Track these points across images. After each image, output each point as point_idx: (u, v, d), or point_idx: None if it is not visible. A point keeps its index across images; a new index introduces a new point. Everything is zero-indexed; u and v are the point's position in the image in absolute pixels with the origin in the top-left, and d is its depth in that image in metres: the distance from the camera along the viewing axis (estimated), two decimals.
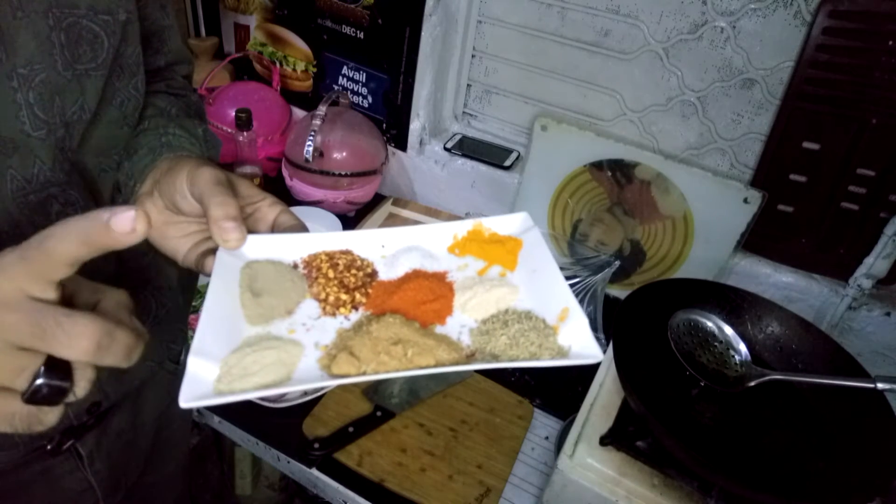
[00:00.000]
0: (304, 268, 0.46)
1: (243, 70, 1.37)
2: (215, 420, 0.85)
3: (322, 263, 0.45)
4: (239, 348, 0.37)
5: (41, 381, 0.30)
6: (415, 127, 1.21)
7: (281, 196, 0.48)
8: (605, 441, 0.65)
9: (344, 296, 0.43)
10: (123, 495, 0.64)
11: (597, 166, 1.05)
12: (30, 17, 0.41)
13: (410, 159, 1.26)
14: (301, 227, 0.46)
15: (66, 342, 0.30)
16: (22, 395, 0.31)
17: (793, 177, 0.93)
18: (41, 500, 0.55)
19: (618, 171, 1.04)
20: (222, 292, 0.40)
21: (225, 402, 0.33)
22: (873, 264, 0.90)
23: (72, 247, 0.30)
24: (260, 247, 0.44)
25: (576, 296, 0.41)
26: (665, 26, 0.95)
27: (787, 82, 0.89)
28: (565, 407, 0.87)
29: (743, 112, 0.96)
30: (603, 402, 0.70)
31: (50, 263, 0.30)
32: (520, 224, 0.49)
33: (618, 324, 0.68)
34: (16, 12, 0.40)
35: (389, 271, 0.46)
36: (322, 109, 1.08)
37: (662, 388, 0.66)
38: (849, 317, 0.96)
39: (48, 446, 0.53)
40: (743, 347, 0.67)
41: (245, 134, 1.06)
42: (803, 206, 0.95)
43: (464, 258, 0.48)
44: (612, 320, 0.77)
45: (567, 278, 0.43)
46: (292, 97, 1.33)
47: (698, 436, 0.62)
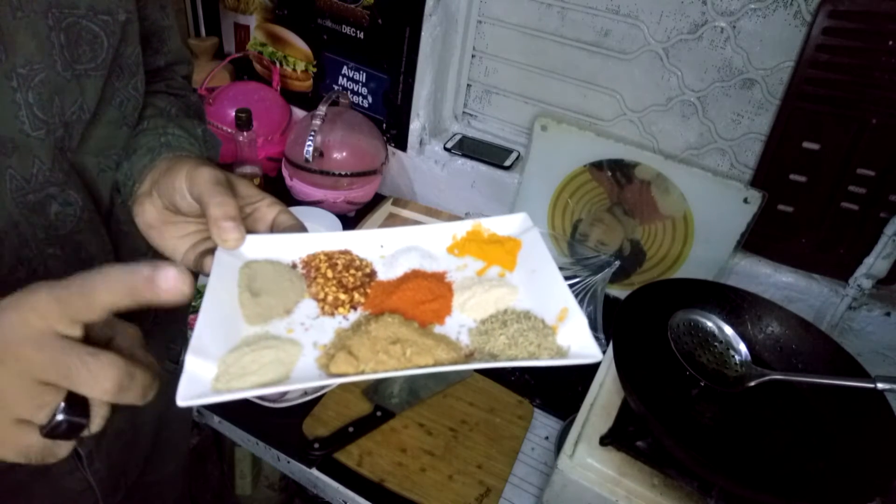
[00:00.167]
0: (303, 268, 0.46)
1: (243, 70, 1.37)
2: (215, 420, 0.85)
3: (321, 263, 0.45)
4: (237, 347, 0.37)
5: (62, 417, 0.31)
6: (415, 127, 1.21)
7: (281, 196, 0.48)
8: (605, 441, 0.65)
9: (342, 295, 0.43)
10: (123, 495, 0.64)
11: (597, 166, 1.05)
12: (29, 17, 0.41)
13: (410, 159, 1.26)
14: (300, 228, 0.46)
15: (89, 381, 0.30)
16: (41, 430, 0.31)
17: (793, 177, 0.93)
18: (40, 500, 0.55)
19: (618, 171, 1.04)
20: (221, 292, 0.40)
21: (223, 400, 0.33)
22: (873, 264, 0.90)
23: (115, 298, 0.31)
24: (259, 247, 0.44)
25: (576, 296, 0.41)
26: (665, 26, 0.95)
27: (787, 82, 0.89)
28: (565, 407, 0.87)
29: (743, 112, 0.95)
30: (603, 402, 0.70)
31: (88, 309, 0.31)
32: (519, 224, 0.49)
33: (618, 324, 0.68)
34: (15, 12, 0.40)
35: (388, 271, 0.46)
36: (322, 109, 1.08)
37: (662, 388, 0.66)
38: (849, 317, 0.96)
39: None
40: (743, 347, 0.67)
41: (245, 134, 1.06)
42: (803, 206, 0.95)
43: (463, 258, 0.48)
44: (612, 320, 0.77)
45: (567, 278, 0.43)
46: (292, 97, 1.33)
47: (698, 436, 0.62)
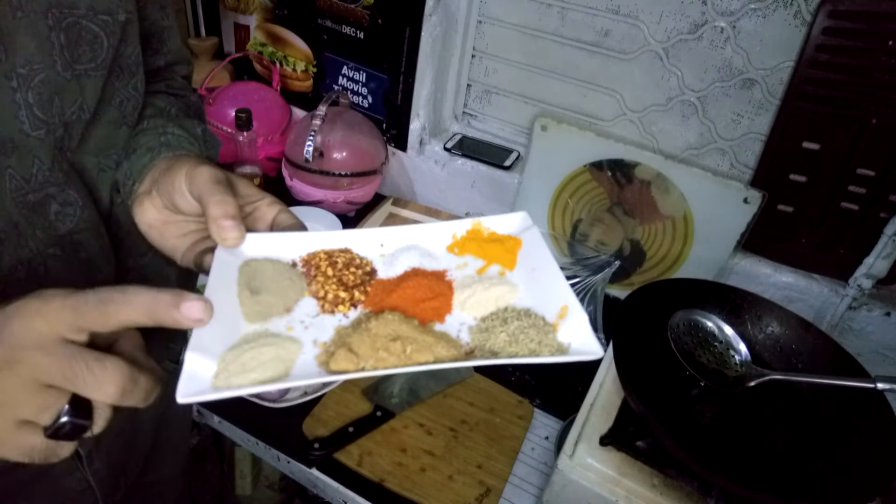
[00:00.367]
0: (303, 266, 0.46)
1: (243, 70, 1.37)
2: (215, 420, 0.85)
3: (321, 262, 0.45)
4: (237, 345, 0.37)
5: (66, 419, 0.32)
6: (415, 127, 1.21)
7: (281, 196, 0.48)
8: (605, 441, 0.65)
9: (343, 293, 0.43)
10: (123, 495, 0.64)
11: (597, 166, 1.05)
12: (29, 17, 0.41)
13: (410, 159, 1.26)
14: (300, 227, 0.46)
15: (94, 385, 0.31)
16: (45, 431, 0.32)
17: (793, 177, 0.93)
18: (40, 500, 0.55)
19: (618, 171, 1.04)
20: (220, 290, 0.40)
21: (222, 397, 0.33)
22: (873, 264, 0.90)
23: (135, 316, 0.32)
24: (258, 245, 0.44)
25: (576, 296, 0.41)
26: (665, 26, 0.95)
27: (787, 82, 0.89)
28: (565, 407, 0.87)
29: (743, 112, 0.95)
30: (603, 402, 0.70)
31: (103, 323, 0.32)
32: (519, 223, 0.49)
33: (618, 324, 0.68)
34: (15, 12, 0.40)
35: (388, 270, 0.46)
36: (322, 109, 1.08)
37: (662, 388, 0.66)
38: (849, 317, 0.96)
39: None
40: (743, 347, 0.67)
41: (245, 134, 1.06)
42: (803, 206, 0.95)
43: (463, 257, 0.48)
44: (612, 320, 0.77)
45: (567, 278, 0.43)
46: (292, 97, 1.33)
47: (698, 436, 0.62)
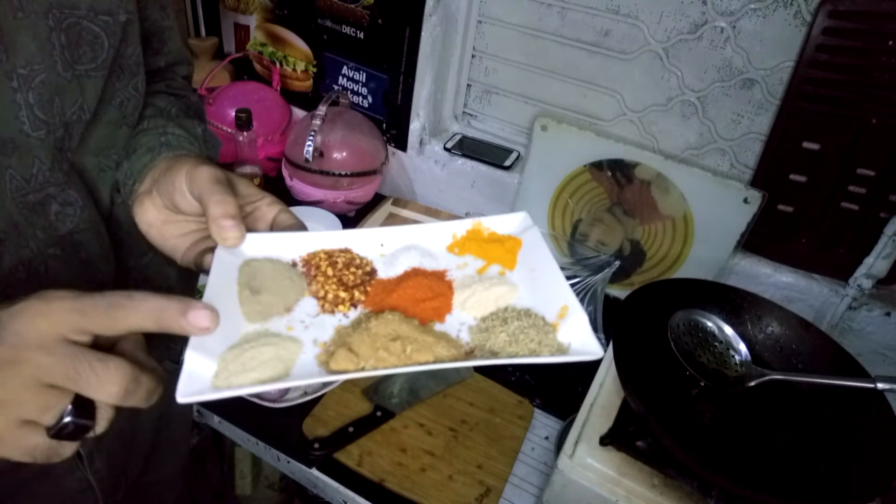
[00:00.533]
0: (303, 266, 0.46)
1: (243, 70, 1.37)
2: (215, 420, 0.85)
3: (321, 261, 0.45)
4: (237, 345, 0.37)
5: (68, 420, 0.32)
6: (415, 127, 1.21)
7: (281, 196, 0.48)
8: (605, 441, 0.65)
9: (343, 293, 0.43)
10: (123, 495, 0.64)
11: (597, 166, 1.05)
12: (30, 17, 0.41)
13: (410, 159, 1.26)
14: (300, 227, 0.46)
15: (97, 385, 0.31)
16: (48, 431, 0.32)
17: (793, 177, 0.93)
18: (40, 500, 0.55)
19: (618, 171, 1.04)
20: (220, 289, 0.40)
21: (222, 397, 0.33)
22: (873, 264, 0.90)
23: (142, 322, 0.32)
24: (259, 245, 0.44)
25: (576, 296, 0.41)
26: (665, 26, 0.95)
27: (787, 82, 0.89)
28: (565, 407, 0.87)
29: (743, 112, 0.95)
30: (603, 402, 0.70)
31: (111, 327, 0.32)
32: (519, 223, 0.49)
33: (618, 324, 0.68)
34: (16, 13, 0.40)
35: (388, 270, 0.46)
36: (322, 109, 1.08)
37: (662, 388, 0.66)
38: (849, 317, 0.96)
39: None
40: (743, 347, 0.67)
41: (245, 134, 1.06)
42: (803, 206, 0.95)
43: (463, 257, 0.48)
44: (612, 320, 0.77)
45: (567, 278, 0.43)
46: (292, 97, 1.33)
47: (698, 436, 0.62)
